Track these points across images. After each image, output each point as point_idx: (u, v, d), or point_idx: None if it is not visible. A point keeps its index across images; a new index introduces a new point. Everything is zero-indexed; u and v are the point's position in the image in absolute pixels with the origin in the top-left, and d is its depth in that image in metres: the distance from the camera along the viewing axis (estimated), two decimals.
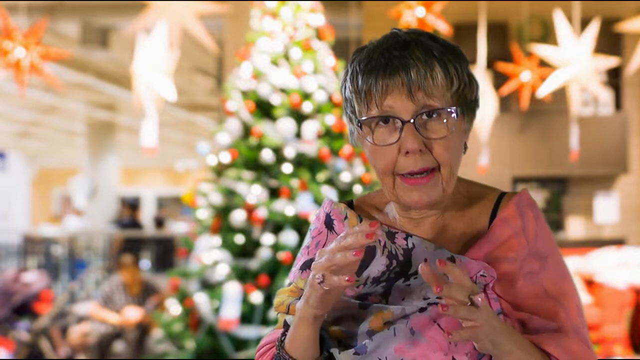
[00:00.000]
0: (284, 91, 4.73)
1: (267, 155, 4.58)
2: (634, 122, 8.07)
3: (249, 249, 4.57)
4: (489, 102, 5.86)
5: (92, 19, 8.63)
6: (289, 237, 4.41)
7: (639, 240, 7.90)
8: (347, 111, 1.20)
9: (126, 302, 6.24)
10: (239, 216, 4.51)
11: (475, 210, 1.22)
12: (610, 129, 7.86)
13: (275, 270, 4.44)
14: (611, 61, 5.49)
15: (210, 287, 4.52)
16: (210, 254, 4.51)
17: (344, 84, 1.19)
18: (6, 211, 18.07)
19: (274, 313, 4.81)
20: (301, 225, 4.48)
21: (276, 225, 4.54)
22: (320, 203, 4.47)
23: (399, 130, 1.12)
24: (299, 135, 4.68)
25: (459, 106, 1.14)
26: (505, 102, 7.45)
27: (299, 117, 4.70)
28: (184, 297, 4.61)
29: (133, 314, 6.13)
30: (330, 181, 4.69)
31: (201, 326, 4.46)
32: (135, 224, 12.59)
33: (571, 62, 5.07)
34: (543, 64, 5.51)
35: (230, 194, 4.63)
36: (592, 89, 5.27)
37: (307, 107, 4.66)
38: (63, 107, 13.65)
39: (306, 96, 4.71)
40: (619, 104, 8.08)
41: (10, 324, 6.08)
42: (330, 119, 4.68)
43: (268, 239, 4.44)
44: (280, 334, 1.18)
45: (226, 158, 4.68)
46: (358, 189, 4.77)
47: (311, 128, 4.62)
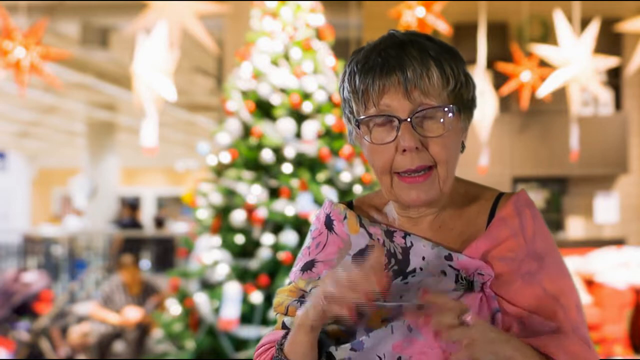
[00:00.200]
0: (284, 91, 4.73)
1: (267, 155, 4.58)
2: (634, 122, 8.07)
3: (249, 249, 4.57)
4: (489, 102, 5.85)
5: (92, 19, 8.63)
6: (289, 237, 4.41)
7: (639, 240, 7.89)
8: (345, 111, 1.22)
9: (126, 302, 6.24)
10: (239, 216, 4.51)
11: (474, 209, 1.22)
12: (610, 129, 7.85)
13: (275, 270, 4.44)
14: (611, 61, 5.49)
15: (210, 287, 4.51)
16: (210, 254, 4.51)
17: (342, 84, 1.20)
18: (6, 211, 18.08)
19: (273, 313, 4.82)
20: (301, 225, 4.48)
21: (276, 225, 4.55)
22: (320, 203, 4.48)
23: (396, 129, 1.13)
24: (299, 135, 4.68)
25: (455, 105, 1.15)
26: (505, 102, 7.45)
27: (299, 117, 4.70)
28: (184, 297, 4.61)
29: (133, 314, 6.13)
30: (330, 181, 4.69)
31: (201, 326, 4.46)
32: (135, 224, 12.58)
33: (571, 62, 5.07)
34: (543, 64, 5.51)
35: (230, 194, 4.63)
36: (592, 89, 5.27)
37: (307, 107, 4.66)
38: (63, 107, 13.64)
39: (306, 96, 4.71)
40: (619, 104, 8.08)
41: (10, 324, 6.08)
42: (330, 119, 4.68)
43: (268, 239, 4.44)
44: (280, 337, 1.19)
45: (226, 158, 4.68)
46: (358, 189, 4.76)
47: (311, 128, 4.63)
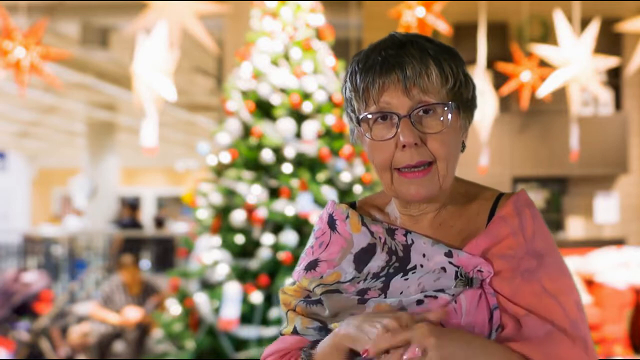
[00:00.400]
0: (284, 91, 4.73)
1: (267, 155, 4.58)
2: (634, 122, 8.06)
3: (249, 249, 4.57)
4: (489, 102, 5.85)
5: (92, 19, 8.63)
6: (289, 237, 4.42)
7: (639, 240, 7.89)
8: (347, 110, 1.25)
9: (126, 302, 6.24)
10: (239, 216, 4.51)
11: (474, 209, 1.24)
12: (610, 129, 7.85)
13: (275, 270, 4.44)
14: (611, 61, 5.49)
15: (210, 287, 4.52)
16: (210, 254, 4.51)
17: (344, 84, 1.24)
18: (6, 211, 18.08)
19: (274, 313, 4.80)
20: (301, 225, 4.49)
21: (276, 225, 4.55)
22: (320, 203, 4.49)
23: (396, 125, 1.16)
24: (299, 135, 4.68)
25: (454, 103, 1.17)
26: (505, 102, 7.44)
27: (299, 117, 4.70)
28: (184, 297, 4.61)
29: (133, 314, 6.13)
30: (330, 181, 4.69)
31: (201, 326, 4.46)
32: (135, 224, 12.59)
33: (571, 62, 5.07)
34: (543, 64, 5.51)
35: (230, 194, 4.63)
36: (592, 89, 5.27)
37: (307, 107, 4.66)
38: (63, 107, 13.65)
39: (306, 96, 4.71)
40: (619, 104, 8.08)
41: (10, 324, 6.08)
42: (330, 119, 4.69)
43: (268, 239, 4.44)
44: (302, 346, 1.20)
45: (226, 158, 4.68)
46: (358, 189, 4.77)
47: (311, 128, 4.63)
